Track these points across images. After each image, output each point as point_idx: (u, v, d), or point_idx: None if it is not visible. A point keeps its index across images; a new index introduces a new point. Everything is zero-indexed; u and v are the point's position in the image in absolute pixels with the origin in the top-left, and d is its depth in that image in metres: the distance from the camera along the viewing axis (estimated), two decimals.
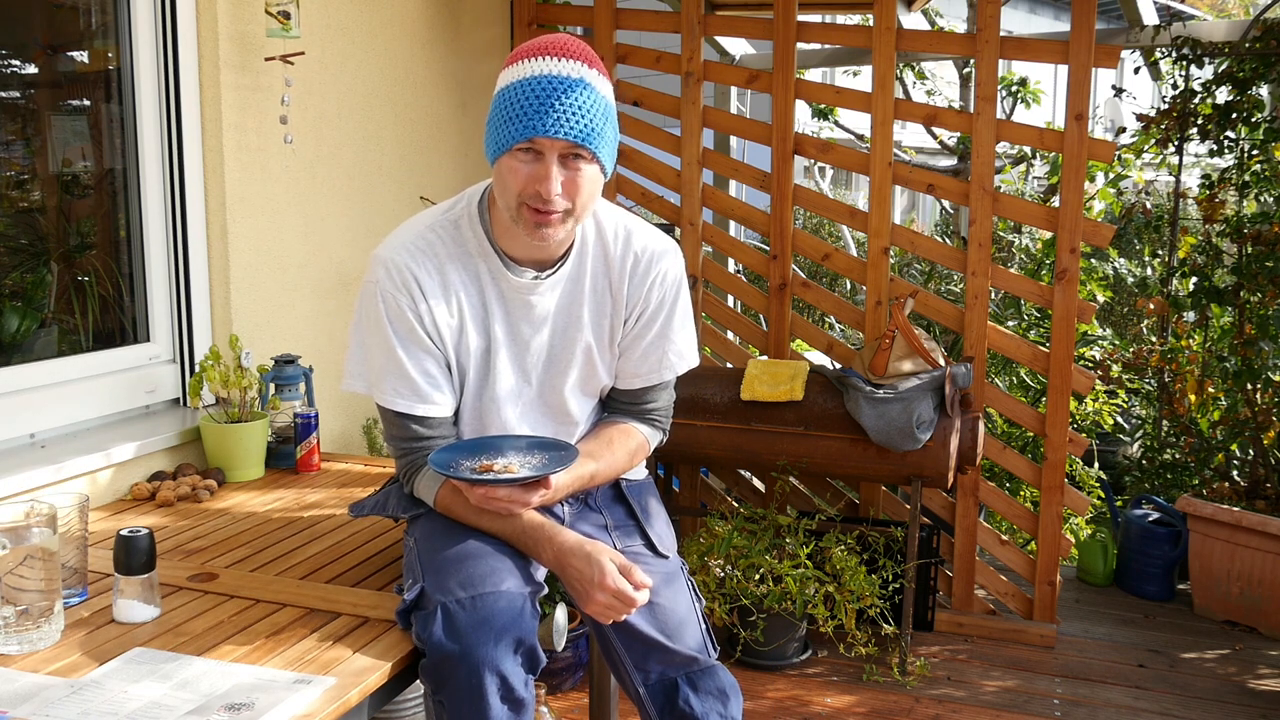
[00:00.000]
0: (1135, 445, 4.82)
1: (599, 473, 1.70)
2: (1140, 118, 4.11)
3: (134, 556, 1.54)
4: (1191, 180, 5.17)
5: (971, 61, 4.54)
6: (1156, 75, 4.40)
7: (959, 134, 4.89)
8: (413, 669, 1.51)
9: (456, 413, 1.70)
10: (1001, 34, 3.15)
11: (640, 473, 1.88)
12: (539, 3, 3.67)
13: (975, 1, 4.35)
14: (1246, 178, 3.79)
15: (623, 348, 1.73)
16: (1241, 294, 3.70)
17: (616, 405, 1.81)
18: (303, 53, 2.61)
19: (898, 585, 3.08)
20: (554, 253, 1.63)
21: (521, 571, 1.56)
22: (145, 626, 1.53)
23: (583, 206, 1.54)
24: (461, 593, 1.47)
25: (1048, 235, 4.29)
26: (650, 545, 1.74)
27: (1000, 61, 3.19)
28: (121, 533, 1.54)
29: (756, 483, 3.71)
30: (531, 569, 1.59)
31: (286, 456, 2.46)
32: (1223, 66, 3.72)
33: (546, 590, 1.59)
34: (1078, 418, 4.36)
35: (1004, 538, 3.38)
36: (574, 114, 1.46)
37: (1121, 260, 5.15)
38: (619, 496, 1.82)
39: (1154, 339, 4.69)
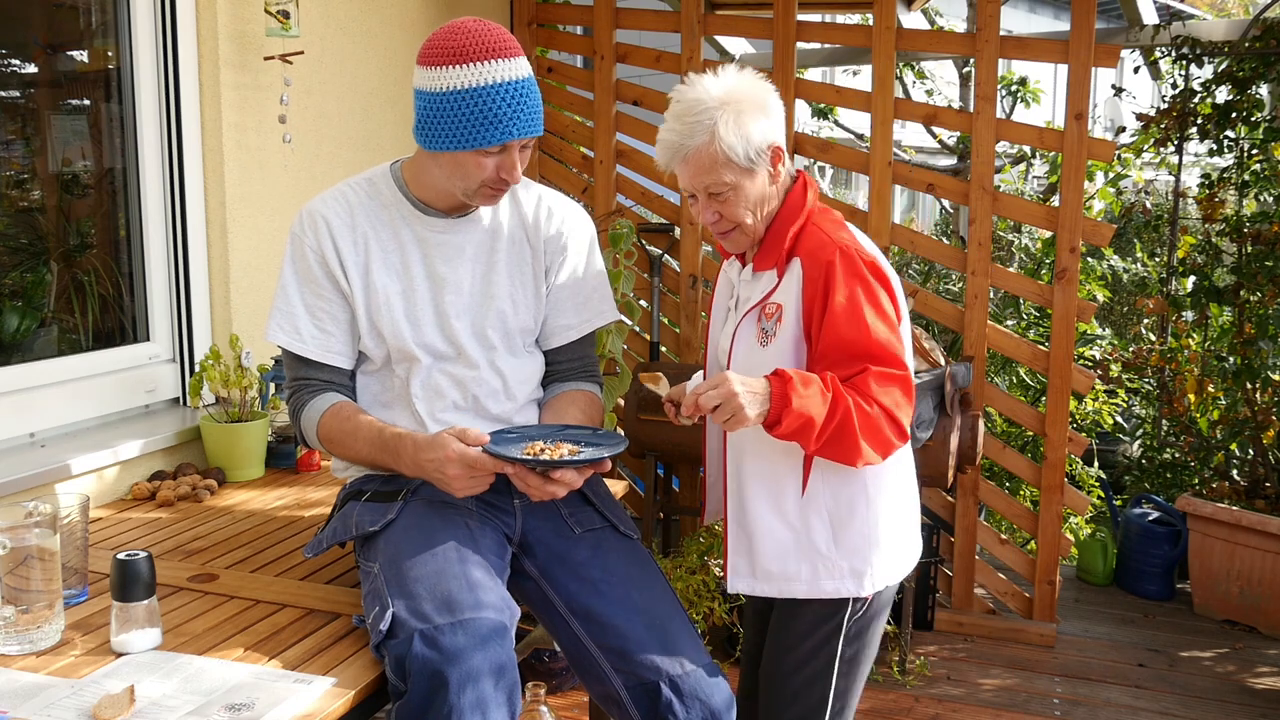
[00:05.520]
0: (1135, 445, 4.82)
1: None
2: (1140, 117, 4.11)
3: (133, 583, 1.41)
4: (1191, 180, 5.17)
5: (971, 61, 4.54)
6: (1156, 75, 4.40)
7: (959, 133, 4.89)
8: None
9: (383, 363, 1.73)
10: (1001, 33, 3.15)
11: None
12: (539, 2, 3.67)
13: (975, 1, 4.35)
14: (1246, 177, 3.79)
15: (554, 301, 1.81)
16: (1241, 293, 3.70)
17: (560, 369, 1.84)
18: (302, 52, 2.61)
19: None
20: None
21: (498, 581, 1.51)
22: None
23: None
24: (440, 618, 1.39)
25: (1047, 235, 4.29)
26: (613, 527, 1.74)
27: (1000, 61, 3.19)
28: (118, 556, 1.41)
29: None
30: (503, 577, 1.56)
31: (287, 456, 2.46)
32: (1222, 66, 3.72)
33: (520, 614, 1.52)
34: (1077, 417, 4.36)
35: (1004, 537, 3.38)
36: (536, 112, 1.61)
37: (1116, 259, 5.16)
38: None
39: (1153, 338, 4.69)
